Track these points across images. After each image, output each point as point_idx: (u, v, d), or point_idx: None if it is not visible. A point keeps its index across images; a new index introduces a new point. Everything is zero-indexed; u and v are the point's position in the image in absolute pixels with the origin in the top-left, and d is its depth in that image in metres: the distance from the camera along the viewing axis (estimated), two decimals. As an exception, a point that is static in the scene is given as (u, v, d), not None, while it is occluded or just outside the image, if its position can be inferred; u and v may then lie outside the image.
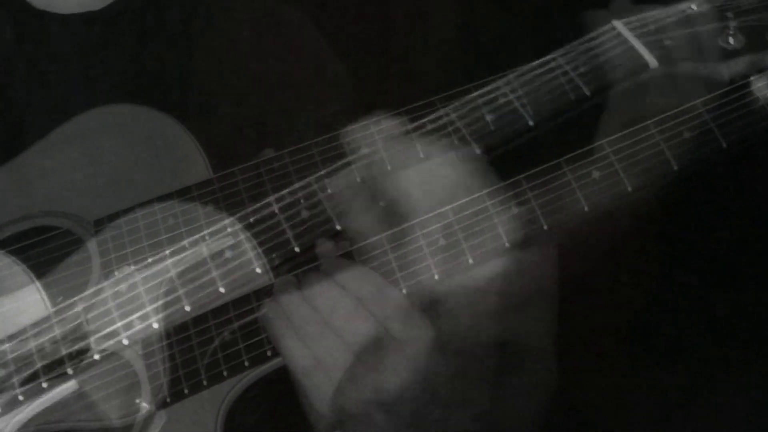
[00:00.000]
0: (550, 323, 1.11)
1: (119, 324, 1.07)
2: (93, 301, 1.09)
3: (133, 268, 1.10)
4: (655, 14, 1.05)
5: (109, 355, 1.08)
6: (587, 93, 1.03)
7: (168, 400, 1.09)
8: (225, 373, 1.10)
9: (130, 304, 1.09)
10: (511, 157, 1.08)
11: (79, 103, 1.31)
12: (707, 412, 1.48)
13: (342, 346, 1.08)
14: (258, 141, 1.33)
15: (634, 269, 1.47)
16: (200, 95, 1.36)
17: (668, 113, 1.02)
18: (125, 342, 1.08)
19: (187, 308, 1.06)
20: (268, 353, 1.10)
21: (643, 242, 1.43)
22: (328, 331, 1.09)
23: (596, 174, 1.02)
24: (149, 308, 1.07)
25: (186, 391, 1.09)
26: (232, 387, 1.12)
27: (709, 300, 1.55)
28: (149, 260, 1.10)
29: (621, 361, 1.51)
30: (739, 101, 1.02)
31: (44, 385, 1.07)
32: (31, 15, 1.37)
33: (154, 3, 1.39)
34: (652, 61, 1.03)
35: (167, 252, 1.09)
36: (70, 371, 1.07)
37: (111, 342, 1.07)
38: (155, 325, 1.07)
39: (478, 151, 1.08)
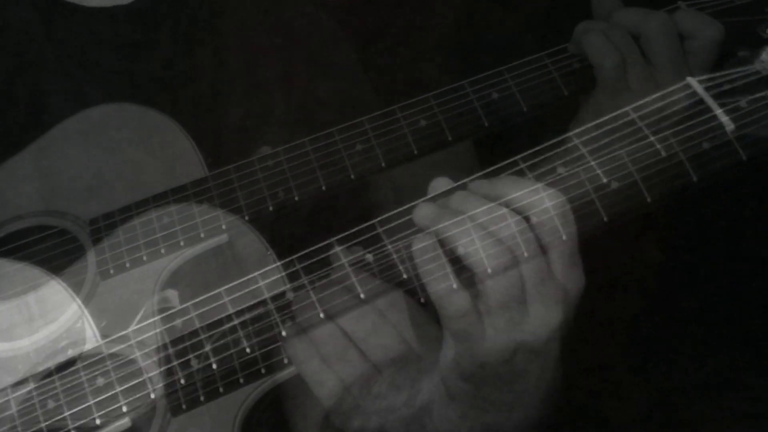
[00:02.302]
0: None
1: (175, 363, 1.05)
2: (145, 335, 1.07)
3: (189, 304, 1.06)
4: (728, 73, 1.06)
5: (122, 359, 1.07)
6: (664, 155, 1.03)
7: (184, 407, 1.09)
8: (241, 380, 1.09)
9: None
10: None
11: (79, 102, 1.29)
12: (708, 414, 1.50)
13: (364, 362, 1.08)
14: (253, 139, 1.32)
15: (635, 270, 1.49)
16: (196, 93, 1.35)
17: (687, 124, 1.04)
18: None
19: (248, 350, 1.05)
20: (285, 361, 1.09)
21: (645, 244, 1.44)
22: (350, 346, 1.08)
23: (615, 185, 1.03)
24: (207, 348, 1.05)
25: (202, 398, 1.09)
26: (248, 394, 1.12)
27: (710, 302, 1.57)
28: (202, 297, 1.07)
29: (621, 362, 1.52)
30: (759, 113, 1.03)
31: (98, 422, 1.05)
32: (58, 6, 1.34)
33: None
34: (728, 124, 1.04)
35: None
36: (125, 408, 1.05)
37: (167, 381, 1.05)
38: (214, 366, 1.05)
39: None
